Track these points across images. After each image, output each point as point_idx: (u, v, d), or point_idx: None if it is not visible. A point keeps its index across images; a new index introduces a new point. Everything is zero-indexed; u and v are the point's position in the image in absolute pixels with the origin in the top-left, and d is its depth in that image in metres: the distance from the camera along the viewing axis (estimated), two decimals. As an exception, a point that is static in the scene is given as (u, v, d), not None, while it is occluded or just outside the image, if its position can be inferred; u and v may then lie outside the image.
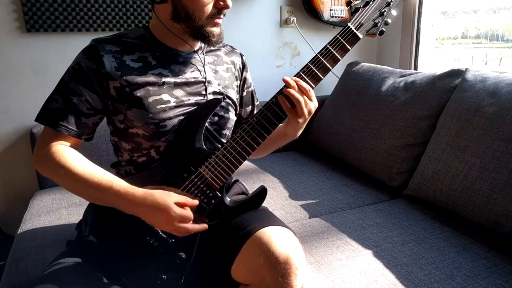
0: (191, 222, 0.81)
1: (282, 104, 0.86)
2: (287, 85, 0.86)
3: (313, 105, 0.88)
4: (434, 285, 0.94)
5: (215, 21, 0.89)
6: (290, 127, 0.92)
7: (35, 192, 1.55)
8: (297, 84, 0.85)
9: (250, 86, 1.14)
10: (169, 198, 0.80)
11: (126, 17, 1.74)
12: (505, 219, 1.10)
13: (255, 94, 1.16)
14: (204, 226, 0.85)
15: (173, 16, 0.88)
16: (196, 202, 0.84)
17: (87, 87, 0.86)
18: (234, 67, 1.06)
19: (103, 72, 0.87)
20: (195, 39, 0.92)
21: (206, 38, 0.89)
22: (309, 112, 0.88)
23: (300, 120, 0.88)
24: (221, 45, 1.07)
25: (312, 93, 0.87)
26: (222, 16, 0.90)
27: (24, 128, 1.70)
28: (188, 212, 0.81)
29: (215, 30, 0.90)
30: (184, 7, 0.86)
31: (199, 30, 0.88)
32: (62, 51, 1.68)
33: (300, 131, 0.97)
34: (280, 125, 0.92)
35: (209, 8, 0.86)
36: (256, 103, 1.16)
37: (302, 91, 0.86)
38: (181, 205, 0.81)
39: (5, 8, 1.58)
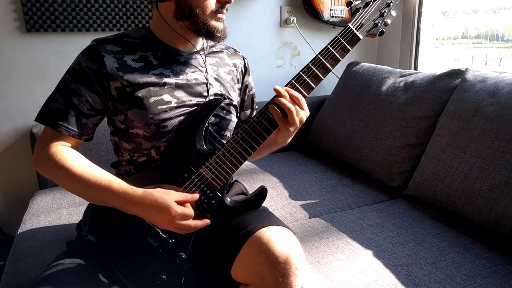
0: (192, 218, 0.82)
1: (273, 113, 0.85)
2: (278, 94, 0.85)
3: (305, 114, 0.88)
4: (434, 285, 0.95)
5: (218, 16, 0.89)
6: (281, 135, 0.93)
7: (35, 192, 1.55)
8: (289, 94, 0.85)
9: (251, 90, 1.14)
10: (168, 197, 0.80)
11: (126, 17, 1.74)
12: (505, 219, 1.10)
13: (255, 98, 1.17)
14: (207, 221, 0.85)
15: (176, 14, 0.88)
16: (196, 196, 0.85)
17: (88, 87, 0.86)
18: (236, 70, 1.06)
19: (104, 72, 0.87)
20: (199, 35, 0.91)
21: (211, 34, 0.89)
22: (300, 121, 0.87)
23: (291, 129, 0.88)
24: (223, 46, 1.07)
25: (303, 102, 0.87)
26: (225, 11, 0.90)
27: (24, 128, 1.70)
28: (189, 210, 0.82)
29: (219, 25, 0.89)
30: (188, 4, 0.86)
31: (203, 26, 0.88)
32: (62, 51, 1.68)
33: (290, 139, 0.97)
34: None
35: (212, 3, 0.86)
36: (255, 107, 1.16)
37: (294, 100, 0.85)
38: (181, 202, 0.81)
39: (5, 8, 1.58)
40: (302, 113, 0.87)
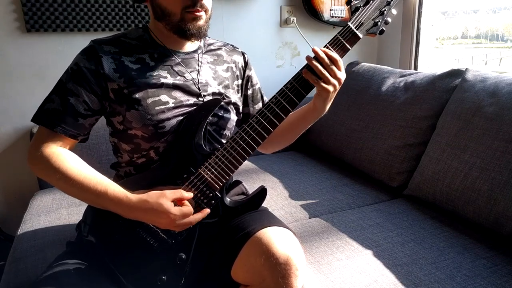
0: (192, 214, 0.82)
1: (308, 78, 0.85)
2: (315, 54, 0.85)
3: (342, 75, 0.87)
4: (434, 285, 0.94)
5: (194, 14, 0.86)
6: (319, 99, 0.91)
7: (35, 192, 1.55)
8: (326, 54, 0.85)
9: (256, 84, 1.13)
10: (163, 200, 0.79)
11: (126, 17, 1.74)
12: (505, 219, 1.10)
13: (263, 92, 1.15)
14: (207, 211, 0.85)
15: (154, 15, 0.90)
16: (191, 194, 0.84)
17: (86, 87, 0.86)
18: (236, 66, 1.06)
19: (102, 73, 0.87)
20: (178, 35, 0.90)
21: (185, 33, 0.88)
22: (339, 82, 0.87)
23: (331, 89, 0.87)
24: (222, 44, 1.07)
25: (341, 63, 0.87)
26: (199, 8, 0.86)
27: (24, 129, 1.70)
28: (187, 208, 0.82)
29: (194, 23, 0.87)
30: (157, 4, 0.87)
31: (177, 26, 0.87)
32: (62, 51, 1.68)
33: (329, 104, 0.94)
34: (291, 113, 0.90)
35: (177, 1, 0.85)
36: (265, 100, 1.15)
37: (332, 60, 0.85)
38: (177, 201, 0.81)
39: (5, 8, 1.58)
40: (339, 73, 0.87)
